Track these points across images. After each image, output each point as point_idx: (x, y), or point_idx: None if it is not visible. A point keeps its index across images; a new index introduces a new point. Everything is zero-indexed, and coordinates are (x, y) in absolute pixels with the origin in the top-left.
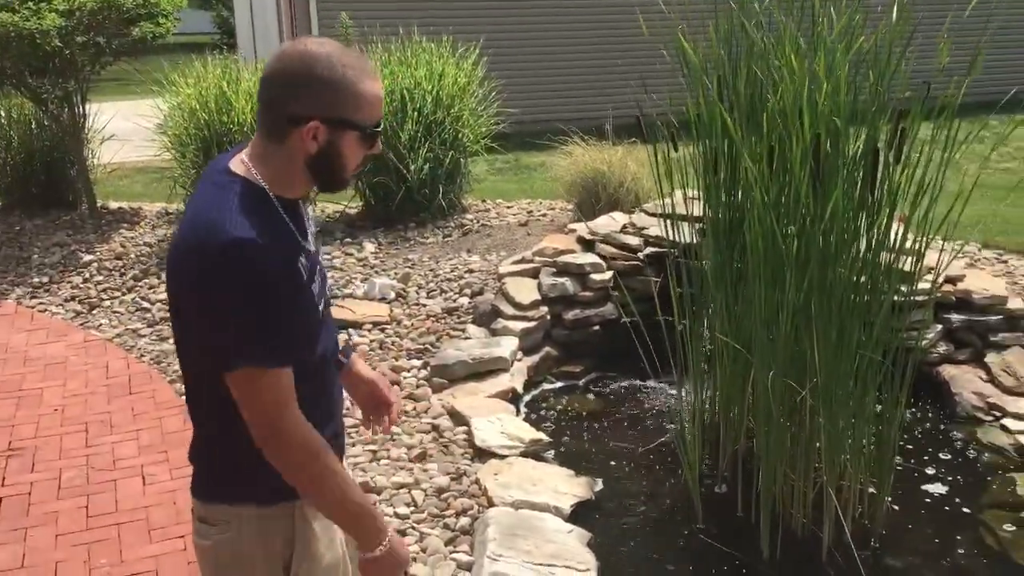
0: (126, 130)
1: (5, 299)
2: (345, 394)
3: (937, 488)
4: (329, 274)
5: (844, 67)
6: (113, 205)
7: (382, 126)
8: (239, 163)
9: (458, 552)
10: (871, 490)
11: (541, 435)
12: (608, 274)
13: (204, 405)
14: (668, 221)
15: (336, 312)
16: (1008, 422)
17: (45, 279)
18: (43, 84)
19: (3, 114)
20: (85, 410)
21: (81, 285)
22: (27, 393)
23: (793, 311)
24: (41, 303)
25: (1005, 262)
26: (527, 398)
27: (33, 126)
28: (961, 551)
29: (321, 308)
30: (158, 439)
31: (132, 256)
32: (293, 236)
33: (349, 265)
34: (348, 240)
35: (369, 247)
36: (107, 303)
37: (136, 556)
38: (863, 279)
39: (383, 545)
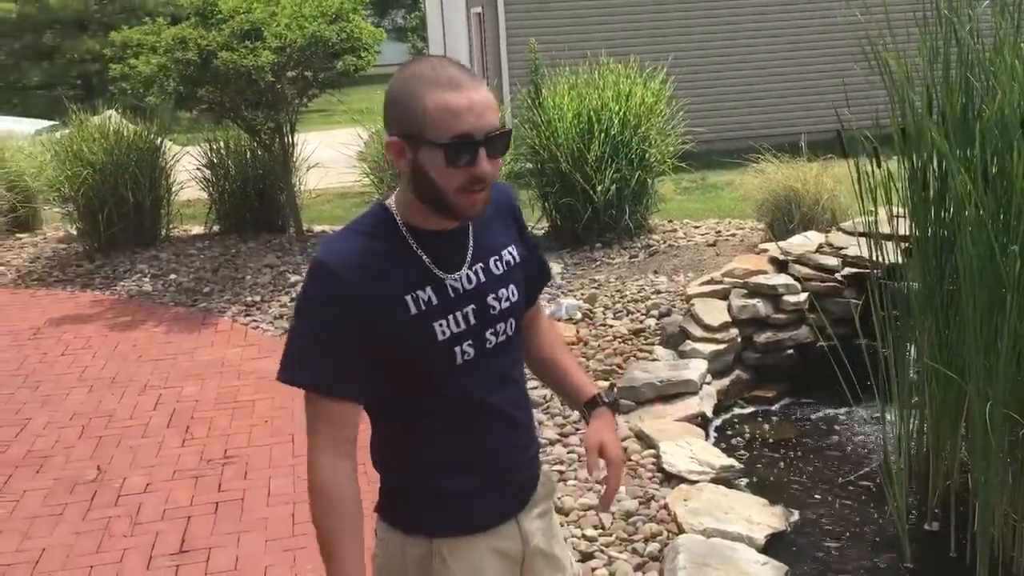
0: (329, 158)
1: (222, 316)
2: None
3: None
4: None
5: None
6: (317, 228)
7: (479, 140)
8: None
9: None
10: None
11: (732, 461)
12: (803, 296)
13: (372, 422)
14: (870, 240)
15: None
16: None
17: (257, 298)
18: (257, 116)
19: (222, 145)
20: (291, 422)
21: (288, 304)
22: (241, 405)
23: (1015, 337)
24: (253, 320)
25: None
26: (717, 422)
27: (248, 156)
28: None
29: (466, 350)
30: None
31: None
32: (415, 267)
33: None
34: None
35: (556, 267)
36: None
37: None
38: None
39: None
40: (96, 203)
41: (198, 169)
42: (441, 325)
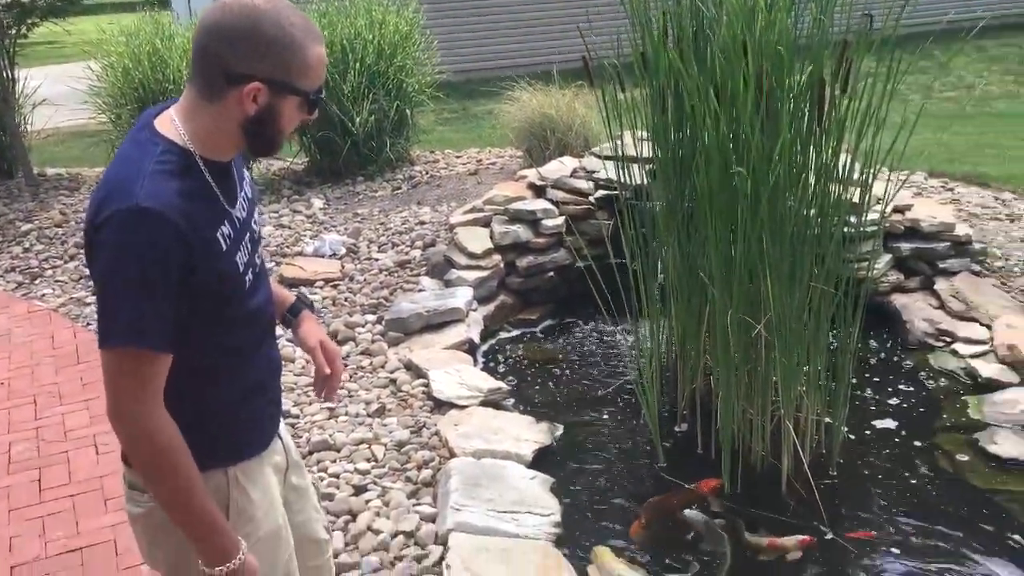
0: (60, 94)
1: None
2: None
3: (892, 415)
4: (278, 232)
5: None
6: (50, 171)
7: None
8: (167, 121)
9: (421, 505)
10: (827, 420)
11: (500, 384)
12: (560, 219)
13: None
14: (618, 164)
15: (286, 271)
16: (958, 346)
17: None
18: None
19: None
20: (32, 382)
21: (21, 255)
22: None
23: (746, 248)
24: None
25: (951, 190)
26: (484, 348)
27: None
28: (916, 476)
29: (250, 276)
30: None
31: (72, 223)
32: (217, 204)
33: (298, 222)
34: (295, 197)
35: (317, 203)
36: (49, 272)
37: (92, 527)
38: (813, 212)
39: (229, 565)
40: None
41: None
42: (238, 257)
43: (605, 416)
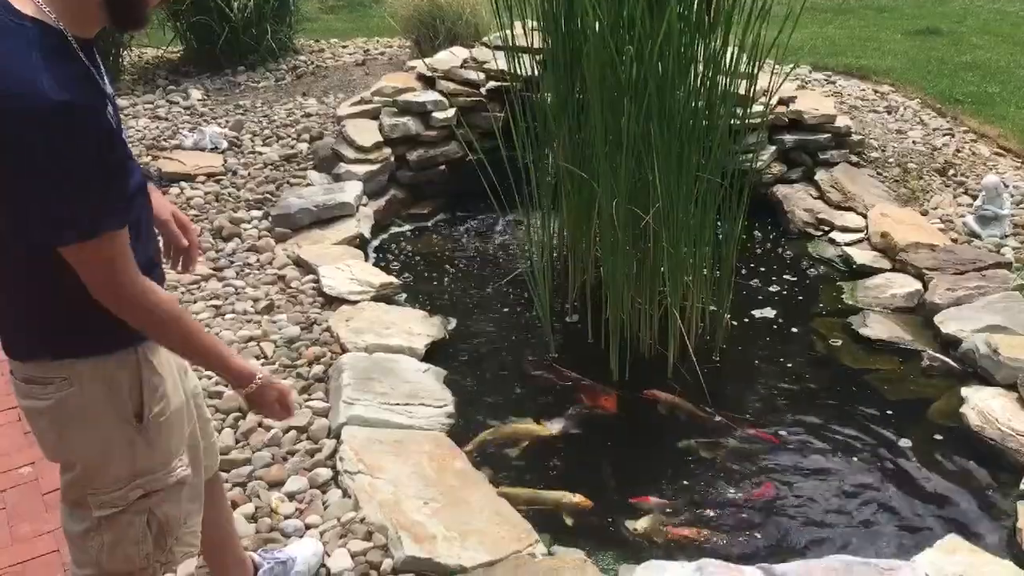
0: None
1: None
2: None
3: (773, 302)
4: (154, 124)
5: None
6: None
7: None
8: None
9: (313, 400)
10: (712, 308)
11: (392, 279)
12: (451, 111)
13: (15, 266)
14: (509, 54)
15: (166, 165)
16: (835, 235)
17: None
18: None
19: None
20: None
21: None
22: None
23: (634, 138)
24: None
25: (833, 83)
26: (375, 243)
27: None
28: (794, 359)
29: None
30: None
31: None
32: (98, 84)
33: (175, 114)
34: (172, 88)
35: (196, 94)
36: None
37: None
38: (701, 104)
39: (256, 382)
40: None
41: None
42: (124, 136)
43: (498, 309)
